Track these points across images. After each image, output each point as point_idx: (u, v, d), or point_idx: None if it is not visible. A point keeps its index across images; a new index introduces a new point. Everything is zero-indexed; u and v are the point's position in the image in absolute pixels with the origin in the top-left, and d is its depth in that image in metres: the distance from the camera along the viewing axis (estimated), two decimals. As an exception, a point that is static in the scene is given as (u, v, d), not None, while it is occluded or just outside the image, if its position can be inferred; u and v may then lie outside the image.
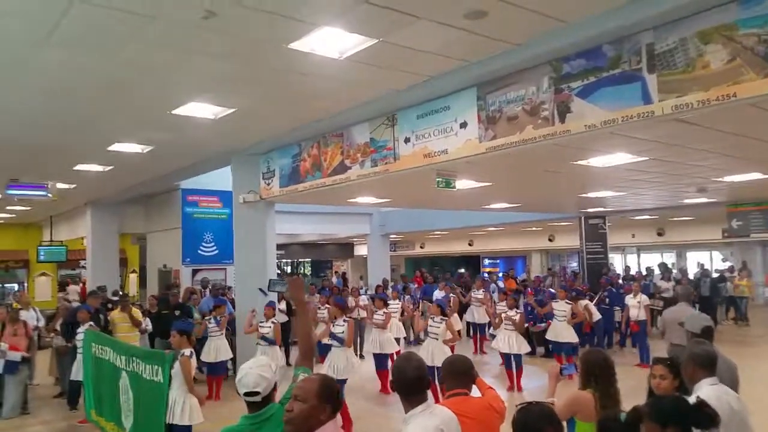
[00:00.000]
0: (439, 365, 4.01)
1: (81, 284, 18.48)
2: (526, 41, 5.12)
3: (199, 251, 14.08)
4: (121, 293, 13.17)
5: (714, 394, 3.01)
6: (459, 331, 11.52)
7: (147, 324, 9.69)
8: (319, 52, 5.16)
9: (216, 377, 9.20)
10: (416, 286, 16.37)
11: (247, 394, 2.75)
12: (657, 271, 17.38)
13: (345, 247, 29.61)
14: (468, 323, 13.21)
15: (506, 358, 9.41)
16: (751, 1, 4.08)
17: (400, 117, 6.93)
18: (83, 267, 19.36)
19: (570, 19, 4.72)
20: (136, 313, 9.42)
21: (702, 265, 19.31)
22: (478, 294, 12.96)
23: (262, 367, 2.79)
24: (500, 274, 20.21)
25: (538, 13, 4.54)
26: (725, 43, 4.23)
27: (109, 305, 10.78)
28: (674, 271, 18.81)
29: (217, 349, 9.19)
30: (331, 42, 5.02)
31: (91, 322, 8.20)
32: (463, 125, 6.15)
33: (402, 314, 11.85)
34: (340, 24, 4.67)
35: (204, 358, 9.15)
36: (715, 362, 3.32)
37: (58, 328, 9.61)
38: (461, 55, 5.44)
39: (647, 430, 2.47)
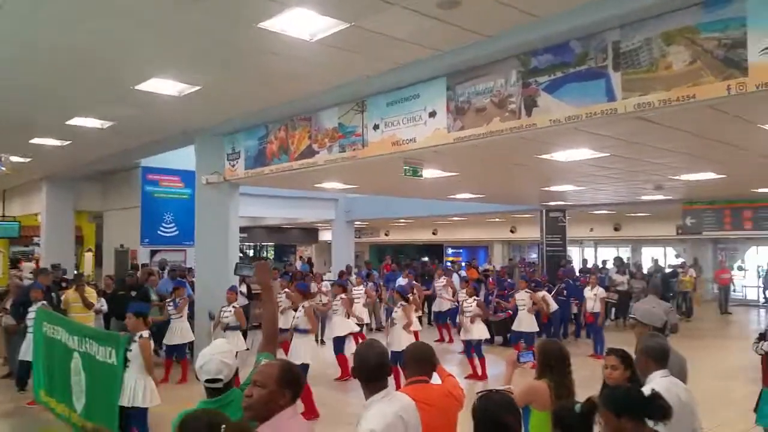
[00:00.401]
0: (400, 350, 4.07)
1: (34, 262, 17.90)
2: (496, 33, 5.16)
3: (159, 232, 13.78)
4: (75, 272, 12.82)
5: (664, 385, 3.11)
6: (420, 318, 11.66)
7: (102, 305, 9.48)
8: (290, 33, 5.09)
9: (180, 360, 9.10)
10: (385, 272, 16.58)
11: (208, 380, 2.74)
12: (610, 265, 17.85)
13: (309, 232, 29.44)
14: (432, 312, 13.40)
15: (466, 346, 9.57)
16: (713, 5, 4.20)
17: (369, 103, 6.91)
18: (36, 244, 18.75)
19: (541, 14, 4.78)
20: (90, 293, 9.20)
21: (656, 261, 19.94)
22: (441, 281, 13.15)
23: (223, 353, 2.77)
24: (463, 264, 20.46)
25: (510, 6, 4.58)
26: (687, 45, 4.35)
27: (63, 284, 10.49)
28: (630, 265, 19.34)
29: (179, 332, 9.09)
30: (303, 24, 4.96)
31: (44, 301, 7.98)
32: (432, 114, 6.17)
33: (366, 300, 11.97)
34: (312, 5, 4.61)
35: (167, 341, 9.07)
36: (668, 355, 3.43)
37: (7, 306, 9.30)
38: (433, 44, 5.45)
39: (602, 419, 2.53)
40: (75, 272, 12.74)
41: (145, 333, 5.61)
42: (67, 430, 6.30)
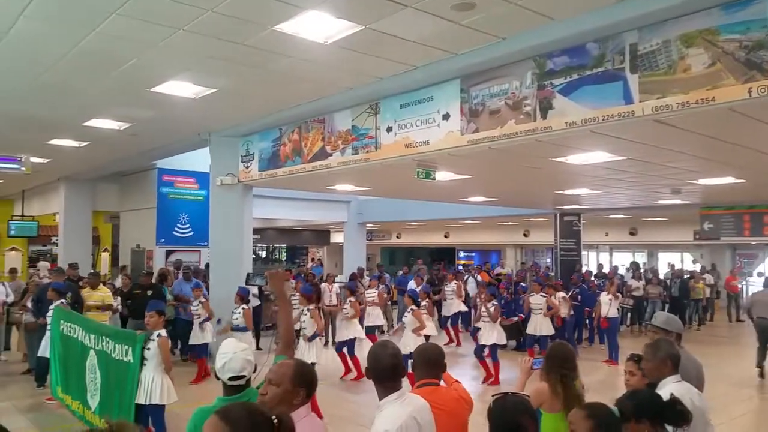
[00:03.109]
0: (407, 353, 4.07)
1: (51, 261, 18.12)
2: (511, 35, 5.12)
3: (174, 232, 13.88)
4: (91, 271, 12.91)
5: (678, 391, 3.08)
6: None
7: (117, 304, 9.55)
8: (305, 36, 5.10)
9: (200, 359, 9.08)
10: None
11: (232, 378, 2.77)
12: (624, 270, 17.64)
13: (321, 234, 29.48)
14: (441, 315, 13.33)
15: (480, 348, 9.51)
16: (733, 6, 4.14)
17: (383, 105, 6.90)
18: (54, 243, 19.00)
19: (557, 16, 4.74)
20: (105, 292, 9.26)
21: (673, 266, 19.65)
22: (451, 285, 13.09)
23: (245, 351, 2.84)
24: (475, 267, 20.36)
25: (525, 8, 4.55)
26: (707, 47, 4.29)
27: (81, 283, 10.58)
28: (646, 270, 19.11)
29: (205, 331, 9.09)
30: (317, 26, 4.96)
31: (63, 300, 8.07)
32: (446, 117, 6.14)
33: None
34: (327, 8, 4.62)
35: (193, 341, 9.12)
36: (679, 361, 3.40)
37: (28, 304, 9.44)
38: (446, 47, 5.43)
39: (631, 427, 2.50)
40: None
41: (163, 332, 5.65)
42: (82, 427, 6.36)
